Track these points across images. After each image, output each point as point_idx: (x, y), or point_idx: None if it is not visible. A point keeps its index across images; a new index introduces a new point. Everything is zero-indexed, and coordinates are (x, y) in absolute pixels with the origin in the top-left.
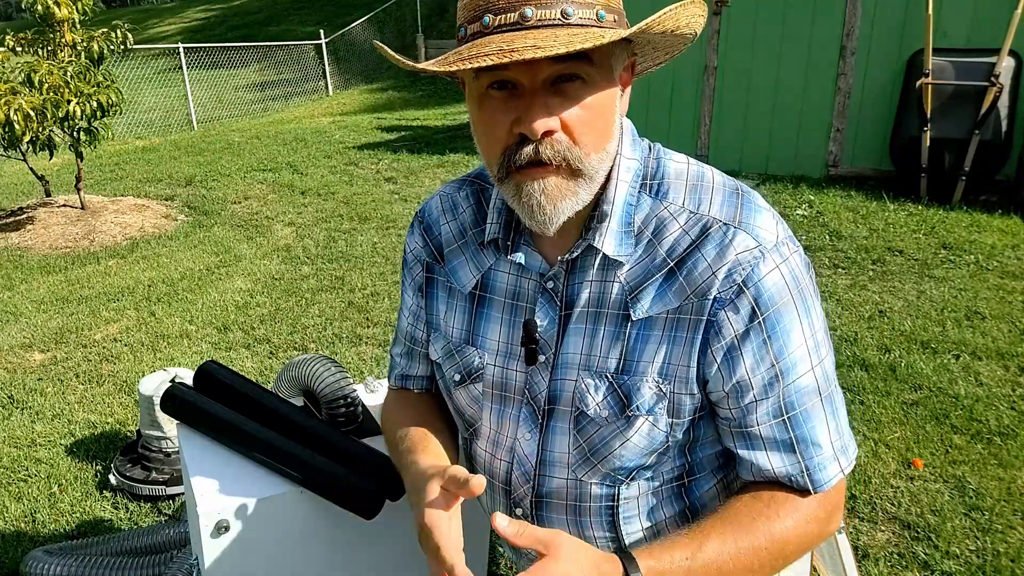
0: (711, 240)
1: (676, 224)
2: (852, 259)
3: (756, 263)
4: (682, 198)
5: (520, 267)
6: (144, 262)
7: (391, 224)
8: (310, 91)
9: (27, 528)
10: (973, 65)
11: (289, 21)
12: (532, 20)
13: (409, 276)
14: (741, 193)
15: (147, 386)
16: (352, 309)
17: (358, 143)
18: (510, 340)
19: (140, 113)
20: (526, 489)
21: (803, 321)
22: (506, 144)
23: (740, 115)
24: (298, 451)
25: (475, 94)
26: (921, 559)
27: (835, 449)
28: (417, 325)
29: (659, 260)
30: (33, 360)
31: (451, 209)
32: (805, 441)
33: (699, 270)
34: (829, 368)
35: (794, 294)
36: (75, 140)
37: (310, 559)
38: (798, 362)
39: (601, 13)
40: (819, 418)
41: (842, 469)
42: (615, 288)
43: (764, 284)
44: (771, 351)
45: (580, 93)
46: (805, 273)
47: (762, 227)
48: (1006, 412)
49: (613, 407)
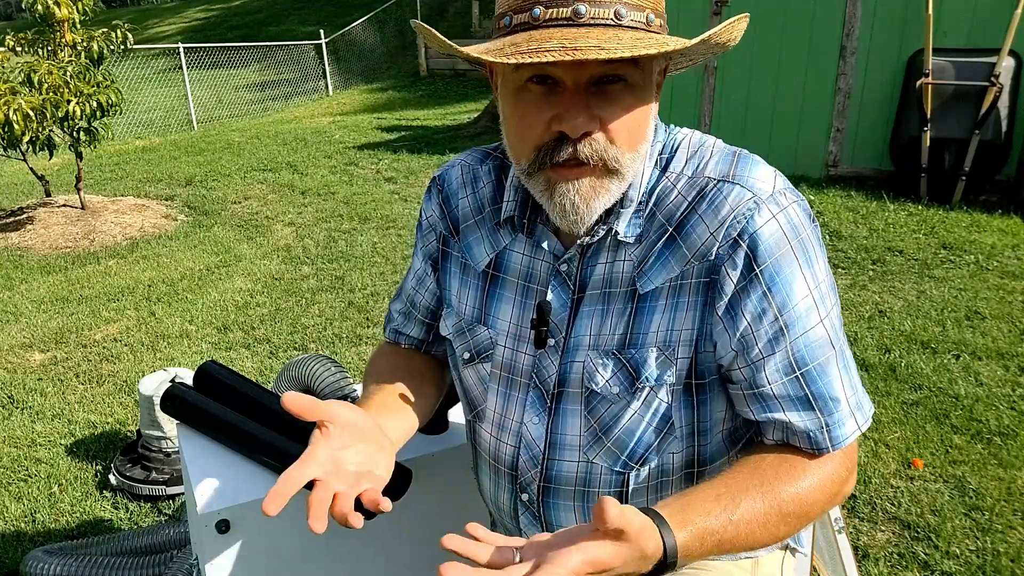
0: (705, 198)
1: (675, 191)
2: (852, 259)
3: (751, 214)
4: (682, 165)
5: (534, 247)
6: (144, 262)
7: (391, 224)
8: (310, 91)
9: (27, 528)
10: (973, 65)
11: (289, 21)
12: (585, 17)
13: (422, 241)
14: (739, 152)
15: (147, 386)
16: (352, 309)
17: (358, 143)
18: (520, 322)
19: (140, 113)
20: (534, 474)
21: (805, 272)
22: (542, 141)
23: (740, 115)
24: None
25: (511, 86)
26: (921, 559)
27: (851, 405)
28: (419, 290)
29: (659, 228)
30: (33, 360)
31: (472, 182)
32: (823, 397)
33: (697, 231)
34: (837, 322)
35: (793, 244)
36: (75, 140)
37: (310, 559)
38: (804, 314)
39: (651, 17)
40: (833, 372)
41: (859, 426)
42: (626, 267)
43: (760, 234)
44: (773, 304)
45: (621, 95)
46: (807, 223)
47: (757, 178)
48: (1006, 412)
49: (623, 382)
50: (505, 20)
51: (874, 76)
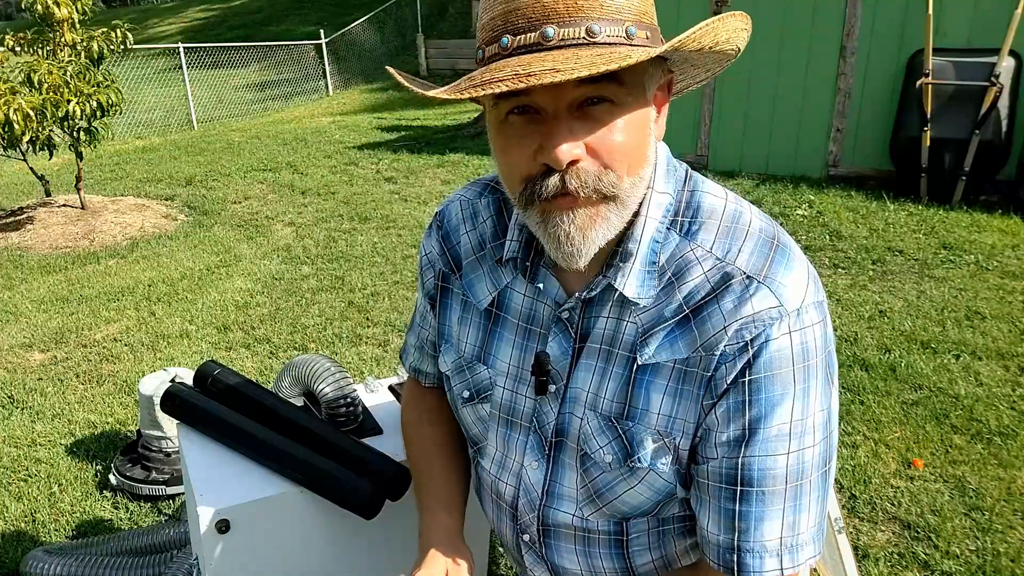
0: (731, 292)
1: (699, 269)
2: (852, 259)
3: (770, 324)
4: (711, 241)
5: (537, 290)
6: (144, 262)
7: (391, 224)
8: (310, 91)
9: (27, 528)
10: (973, 65)
11: (289, 21)
12: (554, 40)
13: (422, 279)
14: (776, 243)
15: (147, 386)
16: (352, 309)
17: (358, 143)
18: (521, 364)
19: (140, 113)
20: (532, 518)
21: (796, 400)
22: (529, 174)
23: (740, 115)
24: (298, 451)
25: (495, 120)
26: (921, 559)
27: (782, 544)
28: (424, 326)
29: (675, 305)
30: (33, 360)
31: (471, 217)
32: (747, 522)
33: (712, 321)
34: (811, 458)
35: (796, 367)
36: (75, 140)
37: (310, 559)
38: (772, 438)
39: (631, 29)
40: (774, 508)
41: (782, 567)
42: (629, 328)
43: (768, 347)
44: (747, 415)
45: (608, 116)
46: (821, 348)
47: (789, 285)
48: (1006, 412)
49: (616, 453)
50: (479, 54)
51: (874, 76)
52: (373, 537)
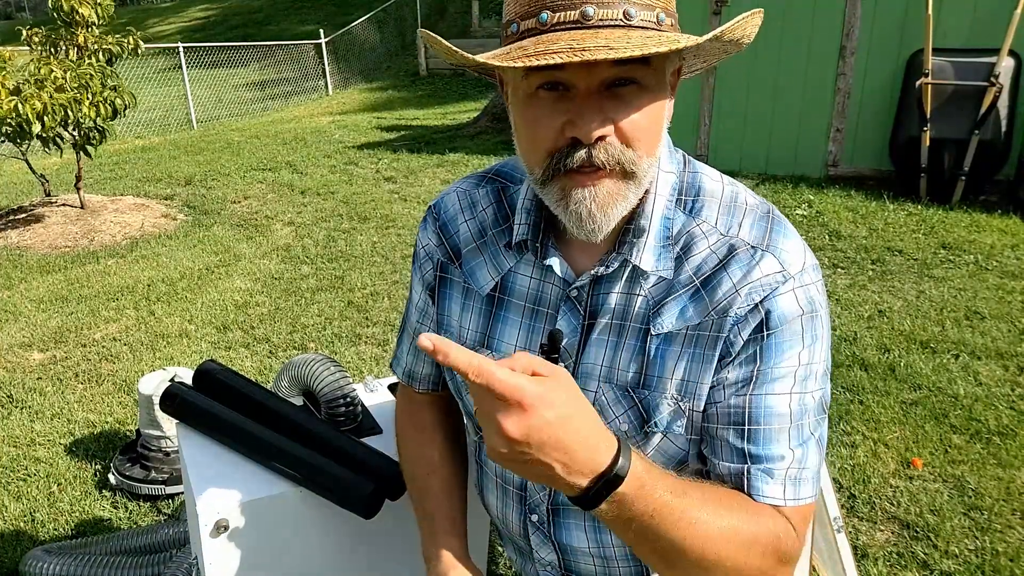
0: (738, 261)
1: (706, 243)
2: (852, 259)
3: (776, 286)
4: (715, 218)
5: (544, 271)
6: (144, 261)
7: (391, 224)
8: (310, 90)
9: (27, 527)
10: (973, 65)
11: (289, 20)
12: (594, 19)
13: (419, 272)
14: (772, 216)
15: (147, 385)
16: (352, 308)
17: (358, 143)
18: (528, 345)
19: (140, 112)
20: (542, 496)
21: (804, 349)
22: (555, 147)
23: (740, 115)
24: (298, 451)
25: (521, 94)
26: (920, 558)
27: (787, 475)
28: (424, 321)
29: (685, 277)
30: (32, 359)
31: (469, 207)
32: (756, 450)
33: (723, 289)
34: (811, 404)
35: (804, 319)
36: (86, 140)
37: (310, 559)
38: (778, 378)
39: (661, 16)
40: (779, 444)
41: (784, 498)
42: (639, 301)
43: (777, 305)
44: (758, 360)
45: (635, 98)
46: (822, 304)
47: (790, 251)
48: (1005, 412)
49: (632, 421)
50: (513, 27)
51: (874, 76)
52: (372, 537)
